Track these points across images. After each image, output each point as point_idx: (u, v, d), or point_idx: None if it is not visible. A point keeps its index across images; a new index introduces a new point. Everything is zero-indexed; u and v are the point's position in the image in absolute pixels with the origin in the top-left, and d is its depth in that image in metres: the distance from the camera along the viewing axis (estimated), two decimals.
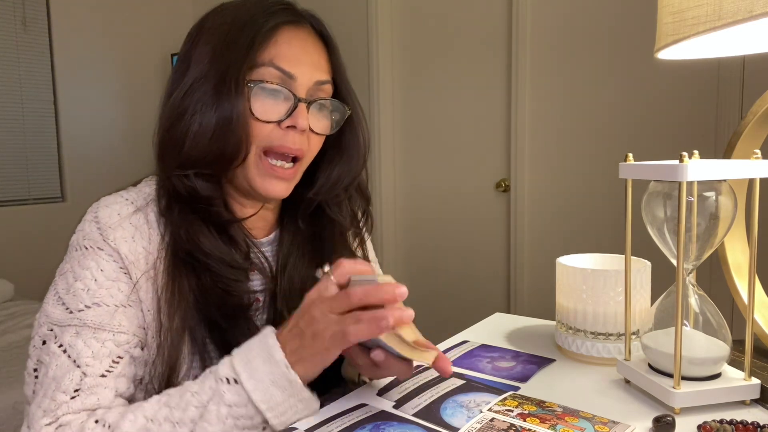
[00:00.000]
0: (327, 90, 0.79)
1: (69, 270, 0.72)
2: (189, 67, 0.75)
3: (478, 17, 2.68)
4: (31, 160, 3.04)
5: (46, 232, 2.99)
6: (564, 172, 2.51)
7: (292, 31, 0.76)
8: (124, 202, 0.75)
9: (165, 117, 0.76)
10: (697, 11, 0.60)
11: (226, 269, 0.74)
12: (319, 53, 0.78)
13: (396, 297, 0.60)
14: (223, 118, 0.72)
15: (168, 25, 3.52)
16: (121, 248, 0.71)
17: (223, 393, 0.61)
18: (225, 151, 0.73)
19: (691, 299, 0.71)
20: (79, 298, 0.69)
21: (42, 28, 3.03)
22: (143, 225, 0.74)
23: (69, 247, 0.74)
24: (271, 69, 0.74)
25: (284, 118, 0.74)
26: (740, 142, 0.85)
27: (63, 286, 0.71)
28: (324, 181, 0.84)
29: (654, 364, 0.71)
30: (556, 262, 0.89)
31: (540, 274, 2.59)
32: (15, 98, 2.95)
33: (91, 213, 0.75)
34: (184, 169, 0.74)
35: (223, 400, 0.61)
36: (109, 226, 0.72)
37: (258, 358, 0.62)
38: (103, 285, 0.70)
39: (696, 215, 0.68)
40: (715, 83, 2.09)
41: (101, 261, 0.71)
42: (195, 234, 0.74)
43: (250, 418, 0.61)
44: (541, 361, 0.84)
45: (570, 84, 2.45)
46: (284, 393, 0.61)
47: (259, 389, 0.61)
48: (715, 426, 0.60)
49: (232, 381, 0.61)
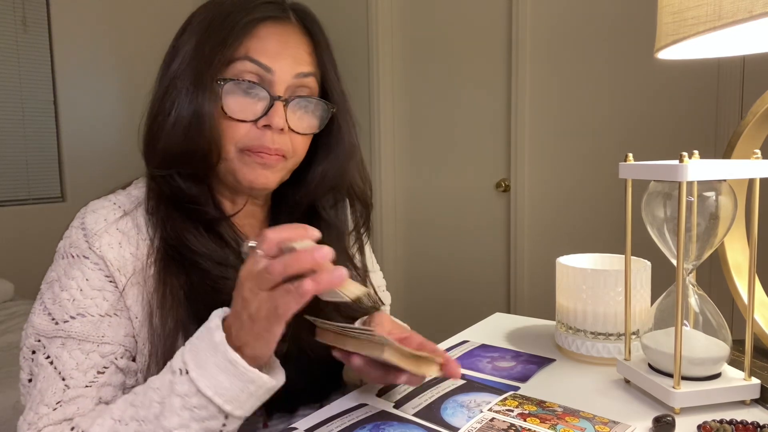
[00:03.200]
0: (310, 85, 0.76)
1: (55, 279, 0.71)
2: (172, 61, 0.75)
3: (478, 17, 2.68)
4: (31, 160, 3.03)
5: (46, 232, 2.98)
6: (564, 172, 2.51)
7: (274, 26, 0.73)
8: (112, 207, 0.74)
9: (148, 112, 0.76)
10: (697, 11, 0.60)
11: (215, 267, 0.72)
12: (302, 47, 0.75)
13: (317, 261, 0.53)
14: (193, 116, 0.70)
15: (168, 25, 3.49)
16: (107, 255, 0.70)
17: (174, 385, 0.59)
18: (197, 150, 0.71)
19: (691, 299, 0.71)
20: (65, 309, 0.68)
21: (42, 28, 3.03)
22: (131, 230, 0.73)
23: (56, 254, 0.74)
24: (246, 63, 0.71)
25: (260, 117, 0.72)
26: (740, 142, 0.85)
27: (49, 296, 0.71)
28: (310, 180, 0.82)
29: (654, 364, 0.71)
30: (556, 262, 0.89)
31: (540, 274, 2.59)
32: (15, 98, 2.95)
33: (78, 219, 0.74)
34: (165, 167, 0.73)
35: (175, 392, 0.59)
36: (95, 233, 0.71)
37: (202, 344, 0.59)
38: (89, 295, 0.69)
39: (696, 215, 0.68)
40: (715, 83, 2.09)
41: (86, 270, 0.70)
42: (182, 232, 0.73)
43: (204, 408, 0.58)
44: (541, 361, 0.84)
45: (570, 84, 2.45)
46: (229, 376, 0.57)
47: (205, 376, 0.58)
48: (715, 426, 0.60)
49: (184, 372, 0.59)
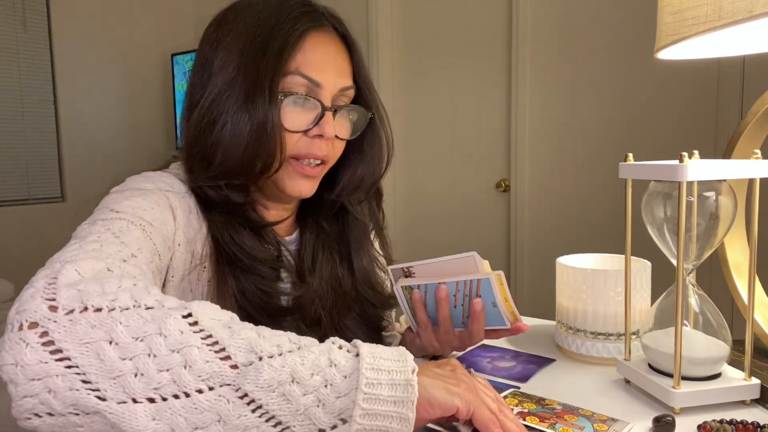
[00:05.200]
0: (350, 95, 0.79)
1: (112, 199, 0.67)
2: (212, 73, 0.73)
3: (478, 17, 2.68)
4: (31, 160, 3.03)
5: (46, 232, 2.99)
6: (564, 172, 2.51)
7: (317, 37, 0.76)
8: (176, 180, 0.75)
9: (193, 126, 0.73)
10: (697, 11, 0.60)
11: (267, 270, 0.75)
12: (342, 57, 0.78)
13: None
14: (257, 128, 0.70)
15: (168, 25, 3.51)
16: (177, 211, 0.71)
17: (333, 351, 0.50)
18: (258, 161, 0.72)
19: (691, 299, 0.71)
20: (127, 207, 0.65)
21: (42, 28, 3.03)
22: (194, 207, 0.74)
23: (111, 190, 0.71)
24: (297, 77, 0.73)
25: (312, 126, 0.74)
26: (740, 142, 0.85)
27: (104, 205, 0.66)
28: (347, 183, 0.84)
29: (654, 364, 0.71)
30: (556, 262, 0.89)
31: (540, 274, 2.59)
32: (15, 98, 2.95)
33: (140, 175, 0.74)
34: (216, 180, 0.73)
35: (331, 356, 0.49)
36: (169, 189, 0.72)
37: (386, 352, 0.52)
38: (152, 211, 0.67)
39: (696, 215, 0.68)
40: (715, 83, 2.09)
41: (156, 198, 0.69)
42: (240, 236, 0.74)
43: (336, 395, 0.48)
44: (541, 361, 0.84)
45: (570, 84, 2.45)
46: (393, 391, 0.49)
47: (372, 368, 0.49)
48: (715, 426, 0.60)
49: (351, 348, 0.51)
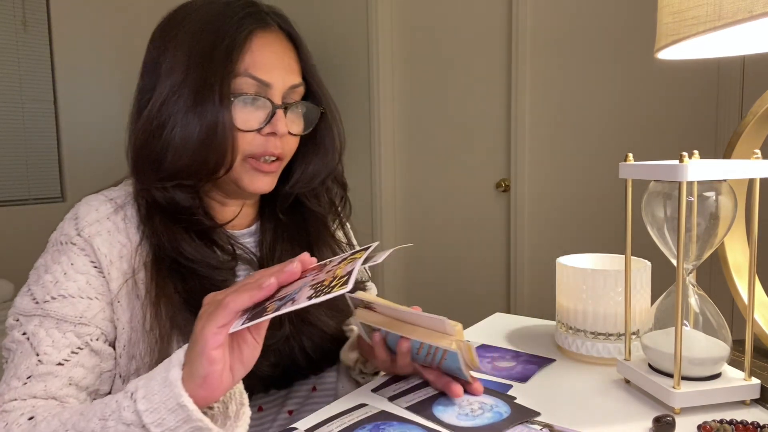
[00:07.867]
0: (300, 92, 0.80)
1: (42, 264, 0.74)
2: (160, 75, 0.75)
3: (478, 17, 2.68)
4: (31, 160, 3.03)
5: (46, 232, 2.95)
6: (564, 172, 2.51)
7: (263, 37, 0.76)
8: (105, 200, 0.77)
9: (140, 130, 0.75)
10: (697, 11, 0.60)
11: (213, 272, 0.75)
12: (289, 55, 0.79)
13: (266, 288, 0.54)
14: (207, 130, 0.72)
15: None
16: (94, 242, 0.72)
17: (122, 410, 0.55)
18: (210, 162, 0.73)
19: (691, 299, 0.71)
20: (47, 290, 0.70)
21: (42, 28, 3.03)
22: (121, 223, 0.75)
23: (47, 244, 0.76)
24: (247, 79, 0.74)
25: (264, 125, 0.76)
26: (740, 142, 0.85)
27: (33, 279, 0.73)
28: (299, 176, 0.86)
29: (654, 364, 0.71)
30: (556, 262, 0.89)
31: (540, 274, 2.59)
32: (15, 98, 2.95)
33: (72, 211, 0.77)
34: (165, 181, 0.74)
35: (122, 419, 0.55)
36: (87, 223, 0.74)
37: (159, 375, 0.55)
38: (72, 278, 0.71)
39: (696, 215, 0.68)
40: (715, 83, 2.09)
41: (73, 255, 0.72)
42: (178, 242, 0.74)
43: None
44: (541, 361, 0.84)
45: (570, 84, 2.45)
46: (176, 418, 0.53)
47: (151, 410, 0.54)
48: (715, 426, 0.60)
49: (133, 399, 0.55)
